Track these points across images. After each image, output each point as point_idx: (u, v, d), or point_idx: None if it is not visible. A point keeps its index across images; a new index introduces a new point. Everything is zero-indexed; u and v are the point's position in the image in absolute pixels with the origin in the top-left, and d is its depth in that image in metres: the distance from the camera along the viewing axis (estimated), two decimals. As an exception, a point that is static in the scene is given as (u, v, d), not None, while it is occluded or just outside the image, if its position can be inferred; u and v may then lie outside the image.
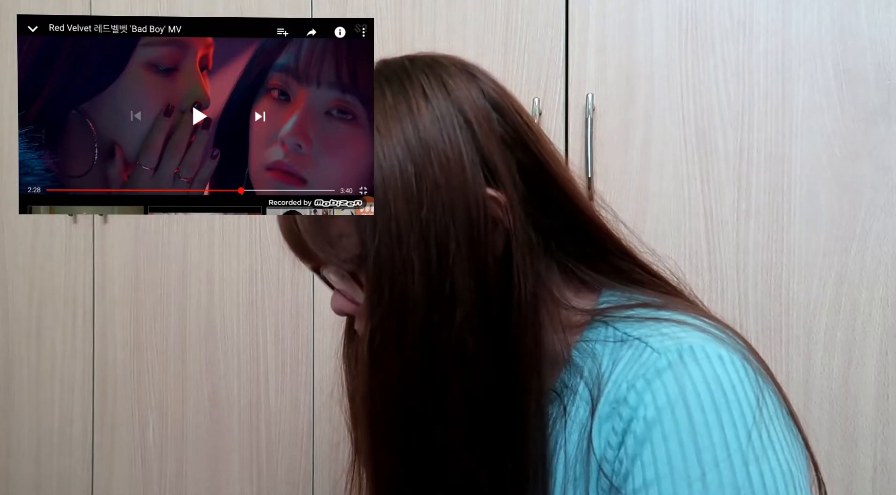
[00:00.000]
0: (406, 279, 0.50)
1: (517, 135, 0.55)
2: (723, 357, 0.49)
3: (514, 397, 0.53)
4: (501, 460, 0.53)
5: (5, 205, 1.23)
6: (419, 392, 0.51)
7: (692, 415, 0.47)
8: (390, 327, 0.51)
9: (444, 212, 0.50)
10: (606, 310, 0.56)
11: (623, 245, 0.60)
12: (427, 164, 0.50)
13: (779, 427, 0.48)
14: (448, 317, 0.50)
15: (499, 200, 0.52)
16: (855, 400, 0.91)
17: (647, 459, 0.47)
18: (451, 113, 0.52)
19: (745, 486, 0.45)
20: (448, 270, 0.50)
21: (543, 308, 0.54)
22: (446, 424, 0.52)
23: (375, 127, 0.51)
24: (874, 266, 0.91)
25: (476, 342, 0.51)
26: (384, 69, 0.55)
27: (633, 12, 0.97)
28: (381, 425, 0.53)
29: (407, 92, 0.53)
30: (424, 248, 0.50)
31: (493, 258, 0.52)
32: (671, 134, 0.96)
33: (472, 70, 0.56)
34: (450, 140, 0.51)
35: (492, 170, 0.52)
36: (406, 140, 0.51)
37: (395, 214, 0.50)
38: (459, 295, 0.50)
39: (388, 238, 0.50)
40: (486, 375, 0.52)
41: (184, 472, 1.14)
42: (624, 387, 0.50)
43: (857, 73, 0.91)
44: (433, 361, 0.51)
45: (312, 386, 1.09)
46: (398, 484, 0.54)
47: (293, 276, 1.10)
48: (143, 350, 1.16)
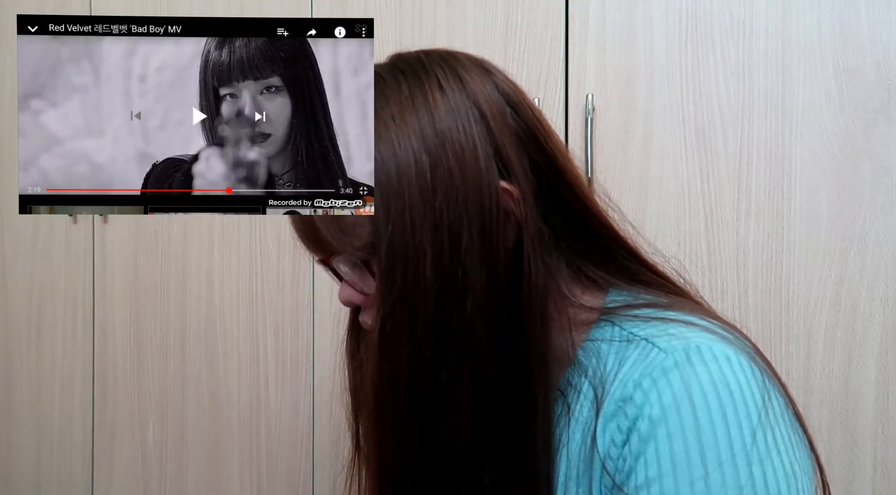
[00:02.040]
0: (418, 267, 0.50)
1: (529, 130, 0.55)
2: (730, 357, 0.49)
3: (522, 387, 0.53)
4: (509, 450, 0.53)
5: (5, 205, 1.23)
6: (429, 379, 0.52)
7: (698, 415, 0.47)
8: (402, 314, 0.51)
9: (458, 202, 0.50)
10: (613, 309, 0.57)
11: (629, 244, 0.60)
12: (442, 155, 0.51)
13: (784, 428, 0.49)
14: (459, 306, 0.51)
15: (511, 193, 0.52)
16: (855, 400, 0.91)
17: (650, 457, 0.47)
18: (466, 105, 0.53)
19: (747, 486, 0.45)
20: (460, 259, 0.50)
21: (552, 302, 0.54)
22: (455, 413, 0.52)
23: (391, 117, 0.51)
24: (874, 266, 0.91)
25: (486, 331, 0.51)
26: (399, 62, 0.56)
27: (633, 12, 0.97)
28: (389, 412, 0.53)
29: (423, 84, 0.53)
30: (437, 237, 0.50)
31: (504, 249, 0.52)
32: (671, 134, 0.96)
33: (486, 65, 0.57)
34: (465, 132, 0.52)
35: (505, 163, 0.53)
36: (422, 130, 0.51)
37: (409, 203, 0.50)
38: (471, 284, 0.51)
39: (401, 226, 0.50)
40: (495, 364, 0.52)
41: (184, 472, 1.14)
42: (630, 386, 0.50)
43: (857, 73, 0.91)
44: (444, 349, 0.51)
45: (312, 387, 1.09)
46: (404, 473, 0.54)
47: (293, 276, 1.10)
48: (143, 350, 1.16)
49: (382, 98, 0.53)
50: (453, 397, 0.52)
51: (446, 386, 0.51)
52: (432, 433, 0.52)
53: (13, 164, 1.21)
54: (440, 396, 0.52)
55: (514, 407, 0.53)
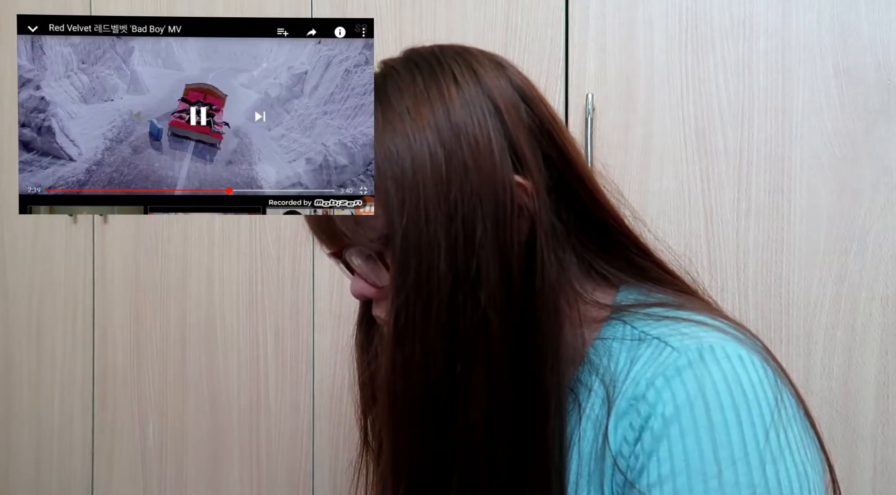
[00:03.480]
0: (432, 259, 0.50)
1: (543, 125, 0.55)
2: (743, 357, 0.49)
3: (535, 378, 0.53)
4: (522, 442, 0.53)
5: (5, 206, 1.23)
6: (442, 369, 0.52)
7: (711, 414, 0.47)
8: (416, 305, 0.51)
9: (473, 195, 0.51)
10: (624, 307, 0.57)
11: (640, 241, 0.60)
12: (457, 147, 0.51)
13: (796, 428, 0.49)
14: (473, 297, 0.51)
15: (525, 187, 0.53)
16: (855, 400, 0.91)
17: (663, 455, 0.47)
18: (481, 99, 0.53)
19: (760, 485, 0.45)
20: (474, 251, 0.50)
21: (564, 297, 0.55)
22: (469, 404, 0.52)
23: (406, 109, 0.52)
24: (874, 266, 0.91)
25: (500, 323, 0.51)
26: (413, 55, 0.56)
27: (633, 12, 0.97)
28: (403, 403, 0.53)
29: (438, 77, 0.53)
30: (452, 229, 0.50)
31: (518, 242, 0.52)
32: (671, 134, 0.96)
33: (500, 60, 0.57)
34: (480, 125, 0.52)
35: (519, 157, 0.53)
36: (437, 123, 0.51)
37: (424, 195, 0.50)
38: (484, 276, 0.51)
39: (416, 218, 0.50)
40: (508, 356, 0.52)
41: (184, 472, 1.14)
42: (643, 384, 0.50)
43: (857, 73, 0.91)
44: (457, 339, 0.51)
45: (312, 387, 1.09)
46: (418, 464, 0.54)
47: (293, 276, 1.10)
48: (143, 350, 1.16)
49: (397, 90, 0.53)
50: (467, 387, 0.52)
51: (460, 377, 0.52)
52: (446, 423, 0.53)
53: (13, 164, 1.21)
54: (454, 386, 0.52)
55: (527, 398, 0.53)
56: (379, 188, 0.51)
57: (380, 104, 0.53)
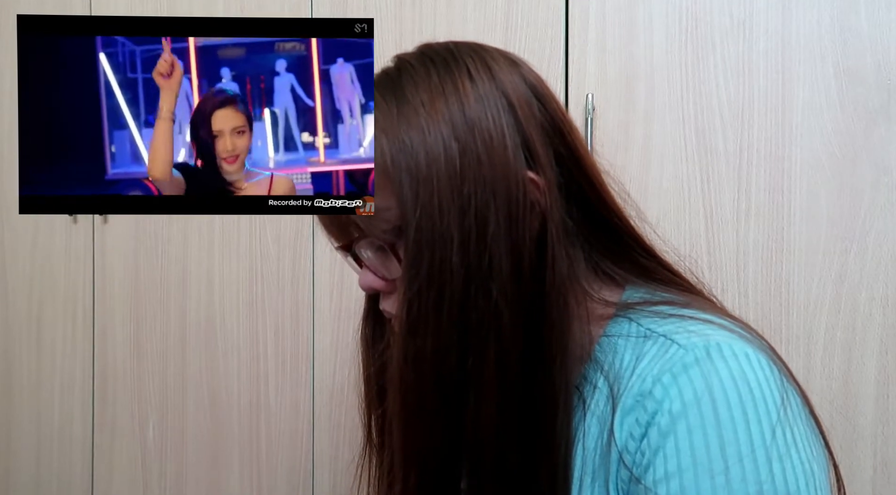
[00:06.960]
0: (445, 251, 0.51)
1: (555, 123, 0.56)
2: (749, 355, 0.49)
3: (544, 372, 0.53)
4: (530, 435, 0.53)
5: (5, 206, 1.23)
6: (453, 361, 0.52)
7: (718, 411, 0.47)
8: (428, 297, 0.51)
9: (486, 189, 0.51)
10: (630, 304, 0.57)
11: (646, 242, 0.60)
12: (471, 142, 0.51)
13: (802, 426, 0.49)
14: (485, 290, 0.51)
15: (537, 183, 0.53)
16: (855, 400, 0.91)
17: (669, 451, 0.48)
18: (495, 95, 0.53)
19: (767, 482, 0.46)
20: (486, 245, 0.51)
21: (573, 294, 0.55)
22: (480, 396, 0.52)
23: (420, 103, 0.52)
24: (874, 266, 0.91)
25: (511, 316, 0.52)
26: (428, 51, 0.56)
27: (633, 12, 0.97)
28: (413, 395, 0.53)
29: (453, 72, 0.54)
30: (464, 223, 0.51)
31: (529, 237, 0.52)
32: (671, 134, 0.96)
33: (514, 57, 0.58)
34: (494, 120, 0.52)
35: (532, 153, 0.53)
36: (452, 117, 0.51)
37: (438, 189, 0.50)
38: (496, 269, 0.51)
39: (429, 211, 0.51)
40: (518, 349, 0.52)
41: (184, 472, 1.14)
42: (649, 381, 0.50)
43: (857, 73, 0.91)
44: (469, 332, 0.51)
45: (312, 387, 1.09)
46: (428, 455, 0.54)
47: (293, 276, 1.10)
48: (143, 350, 1.16)
49: (412, 85, 0.53)
50: (478, 380, 0.52)
51: (471, 370, 0.52)
52: (456, 416, 0.53)
53: (13, 164, 1.21)
54: (465, 379, 0.52)
55: (537, 392, 0.53)
56: (393, 180, 0.52)
57: (394, 98, 0.53)
